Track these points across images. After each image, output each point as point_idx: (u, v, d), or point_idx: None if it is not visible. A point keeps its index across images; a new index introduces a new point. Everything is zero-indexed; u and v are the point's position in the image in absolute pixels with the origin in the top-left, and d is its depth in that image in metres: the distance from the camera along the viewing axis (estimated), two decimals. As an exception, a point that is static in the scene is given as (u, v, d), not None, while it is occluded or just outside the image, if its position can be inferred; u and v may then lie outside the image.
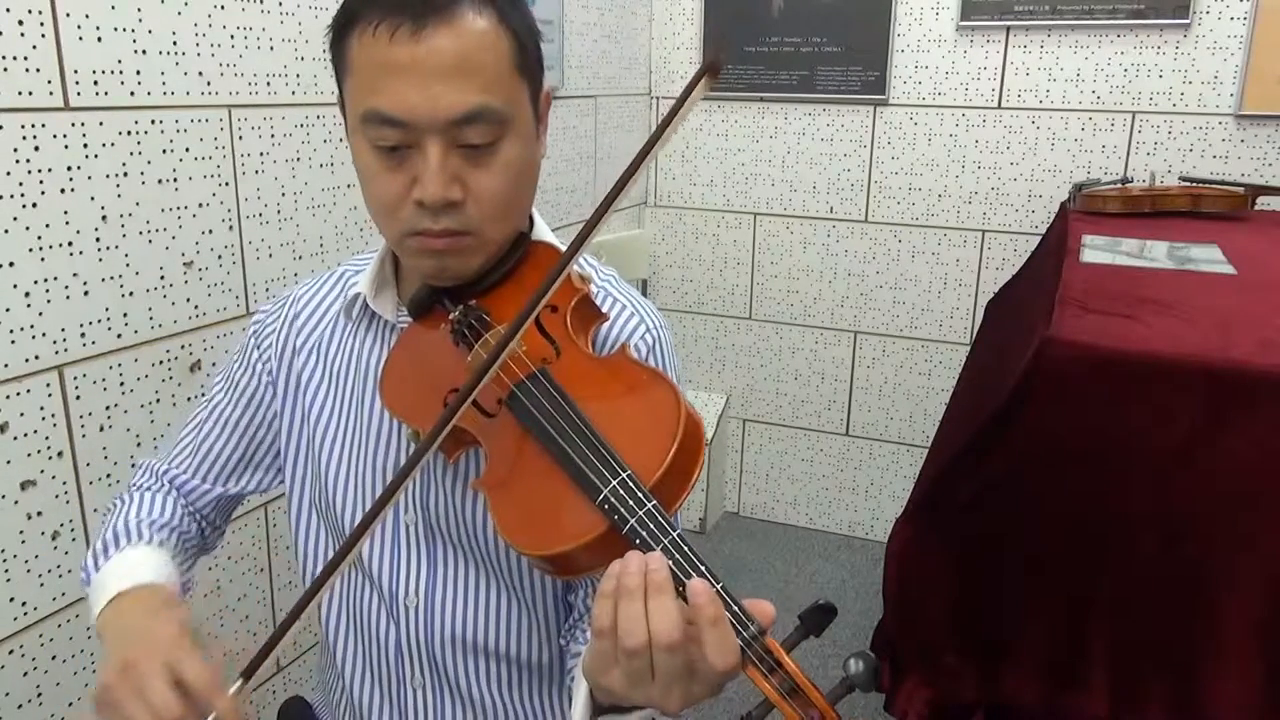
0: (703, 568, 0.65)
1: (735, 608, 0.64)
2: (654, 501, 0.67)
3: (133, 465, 1.38)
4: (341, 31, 0.83)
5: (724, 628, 0.63)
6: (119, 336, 1.34)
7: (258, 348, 1.04)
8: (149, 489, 1.05)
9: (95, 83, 1.26)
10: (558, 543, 0.69)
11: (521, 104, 0.85)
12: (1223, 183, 2.31)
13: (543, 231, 0.96)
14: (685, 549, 0.66)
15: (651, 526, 0.66)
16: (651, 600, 0.63)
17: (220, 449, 1.05)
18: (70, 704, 1.33)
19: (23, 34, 1.17)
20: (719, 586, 0.64)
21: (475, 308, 0.87)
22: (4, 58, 1.15)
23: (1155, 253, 1.81)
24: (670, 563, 0.65)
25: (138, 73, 1.31)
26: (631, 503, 0.67)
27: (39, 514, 1.26)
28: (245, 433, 1.04)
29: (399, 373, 0.90)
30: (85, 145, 1.26)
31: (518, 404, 0.77)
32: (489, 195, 0.84)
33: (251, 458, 1.06)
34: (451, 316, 0.87)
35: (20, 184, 1.19)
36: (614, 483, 0.68)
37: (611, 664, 0.65)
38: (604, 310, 0.90)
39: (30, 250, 1.21)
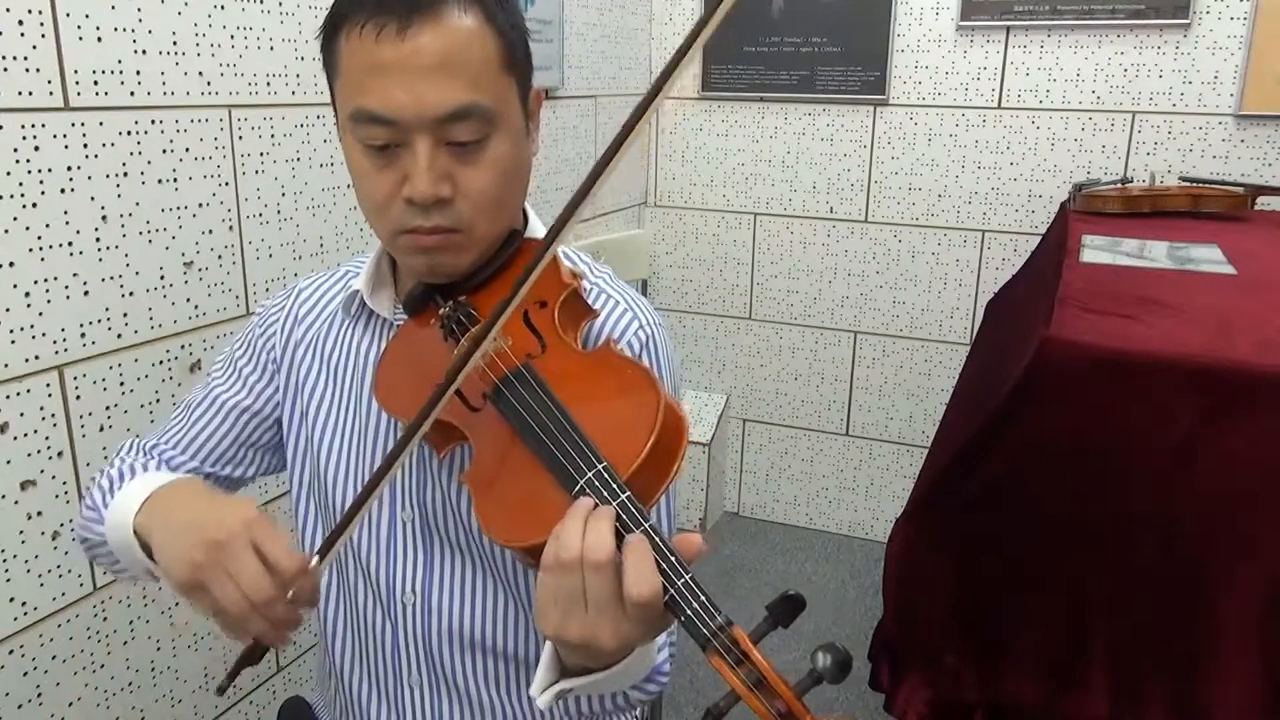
0: (673, 558, 0.66)
1: (695, 587, 0.65)
2: (628, 493, 0.68)
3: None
4: (330, 33, 0.85)
5: (642, 554, 0.65)
6: (119, 336, 1.34)
7: (263, 335, 1.04)
8: (137, 463, 1.01)
9: (95, 83, 1.26)
10: (533, 534, 0.70)
11: (510, 102, 0.86)
12: (1223, 183, 2.31)
13: (537, 229, 0.97)
14: (657, 539, 0.66)
15: (624, 518, 0.67)
16: (590, 522, 0.67)
17: (215, 432, 1.03)
18: (70, 704, 1.33)
19: (23, 34, 1.17)
20: (688, 576, 0.65)
21: (464, 304, 0.87)
22: (4, 58, 1.15)
23: (1155, 253, 1.81)
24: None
25: (138, 73, 1.31)
26: (606, 494, 0.68)
27: (39, 514, 1.26)
28: (243, 418, 1.03)
29: (392, 369, 0.90)
30: (85, 145, 1.26)
31: (501, 398, 0.78)
32: (478, 192, 0.84)
33: (248, 442, 1.05)
34: (441, 312, 0.87)
35: (20, 184, 1.19)
36: (589, 474, 0.69)
37: (550, 591, 0.68)
38: (595, 306, 0.90)
39: (30, 250, 1.21)
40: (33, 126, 1.19)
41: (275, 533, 0.76)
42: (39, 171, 1.20)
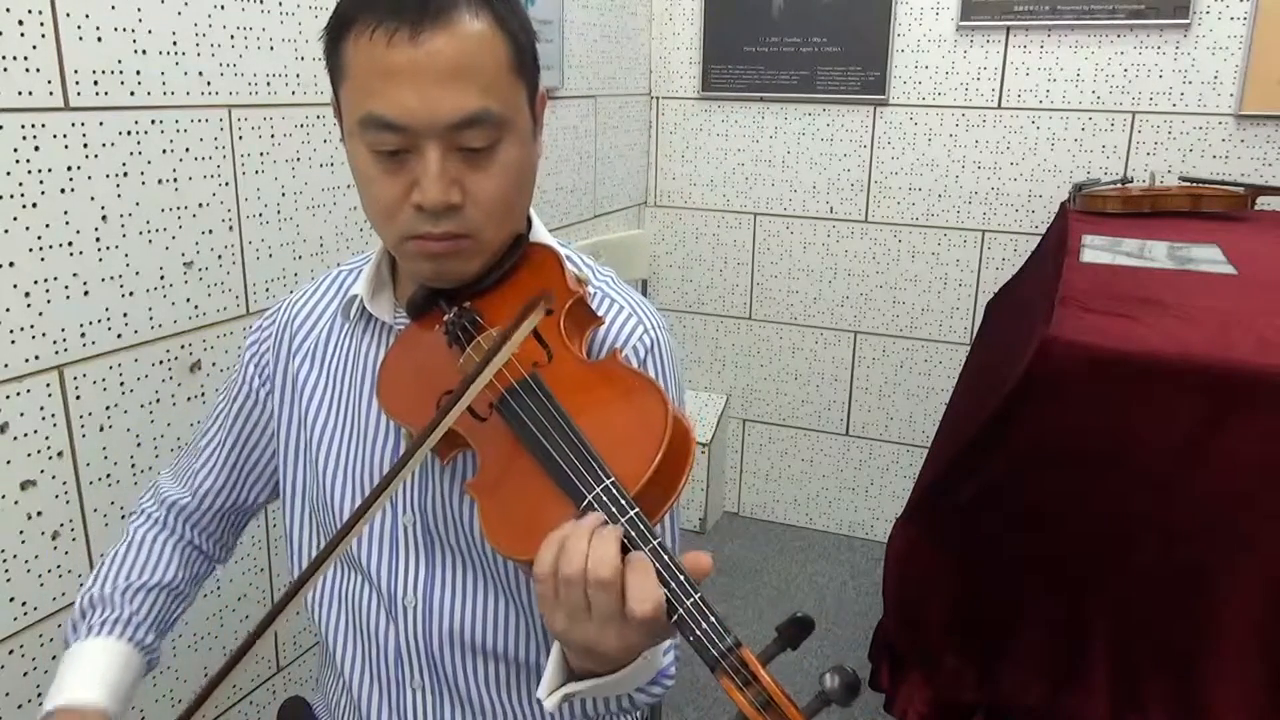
0: (681, 576, 0.65)
1: (704, 608, 0.65)
2: (636, 509, 0.67)
3: (132, 466, 1.38)
4: (336, 36, 0.83)
5: (644, 571, 0.65)
6: (119, 336, 1.34)
7: (254, 362, 1.04)
8: (152, 518, 1.07)
9: (95, 83, 1.26)
10: (538, 548, 0.69)
11: (519, 106, 0.85)
12: (1223, 183, 2.31)
13: (540, 233, 0.96)
14: (665, 557, 0.66)
15: (633, 534, 0.67)
16: (595, 540, 0.67)
17: (218, 467, 1.06)
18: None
19: (23, 34, 1.17)
20: (697, 596, 0.65)
21: (469, 309, 0.87)
22: (4, 58, 1.15)
23: (1155, 253, 1.81)
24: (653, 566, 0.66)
25: (138, 73, 1.31)
26: (614, 509, 0.68)
27: (39, 514, 1.26)
28: (240, 450, 1.06)
29: (395, 374, 0.90)
30: (85, 145, 1.26)
31: (508, 408, 0.78)
32: (488, 198, 0.84)
33: (249, 474, 1.07)
34: (445, 318, 0.87)
35: (20, 184, 1.19)
36: (597, 489, 0.69)
37: (553, 603, 0.68)
38: (600, 313, 0.90)
39: (30, 250, 1.21)
40: (33, 126, 1.19)
41: None
42: (39, 171, 1.20)
